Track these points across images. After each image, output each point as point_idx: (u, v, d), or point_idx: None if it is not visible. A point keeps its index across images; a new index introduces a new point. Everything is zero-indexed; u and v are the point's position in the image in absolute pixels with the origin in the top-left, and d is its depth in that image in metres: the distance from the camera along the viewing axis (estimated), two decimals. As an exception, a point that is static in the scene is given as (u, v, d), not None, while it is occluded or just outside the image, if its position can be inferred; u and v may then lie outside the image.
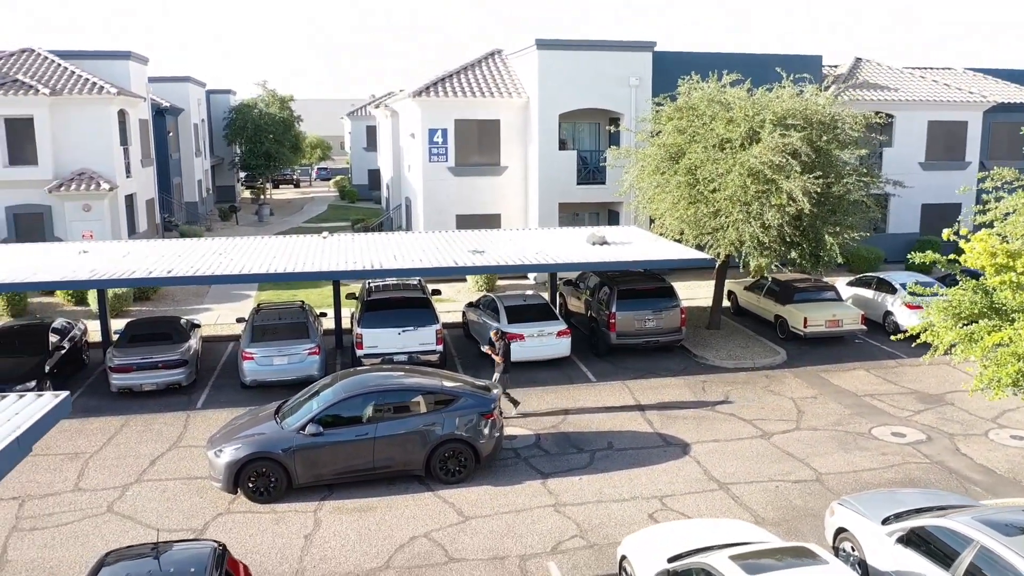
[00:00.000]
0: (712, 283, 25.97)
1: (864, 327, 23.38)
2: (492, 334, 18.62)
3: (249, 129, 56.47)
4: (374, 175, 64.05)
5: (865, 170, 22.68)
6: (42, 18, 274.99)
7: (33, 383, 18.67)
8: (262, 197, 61.24)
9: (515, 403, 18.26)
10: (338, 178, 75.05)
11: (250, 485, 14.31)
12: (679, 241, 23.31)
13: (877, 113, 27.06)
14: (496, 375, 18.24)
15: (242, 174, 66.69)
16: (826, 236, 21.19)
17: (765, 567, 9.08)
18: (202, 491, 14.92)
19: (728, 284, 27.20)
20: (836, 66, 37.38)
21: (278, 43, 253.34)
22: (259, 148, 56.75)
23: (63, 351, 20.78)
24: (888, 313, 24.67)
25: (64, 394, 10.14)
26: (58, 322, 21.75)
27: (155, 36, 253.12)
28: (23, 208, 31.51)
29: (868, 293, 25.82)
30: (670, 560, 10.23)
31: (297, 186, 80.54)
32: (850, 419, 18.16)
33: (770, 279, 25.16)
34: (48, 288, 24.29)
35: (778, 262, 22.34)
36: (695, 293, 29.30)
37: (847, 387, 20.23)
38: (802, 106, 22.14)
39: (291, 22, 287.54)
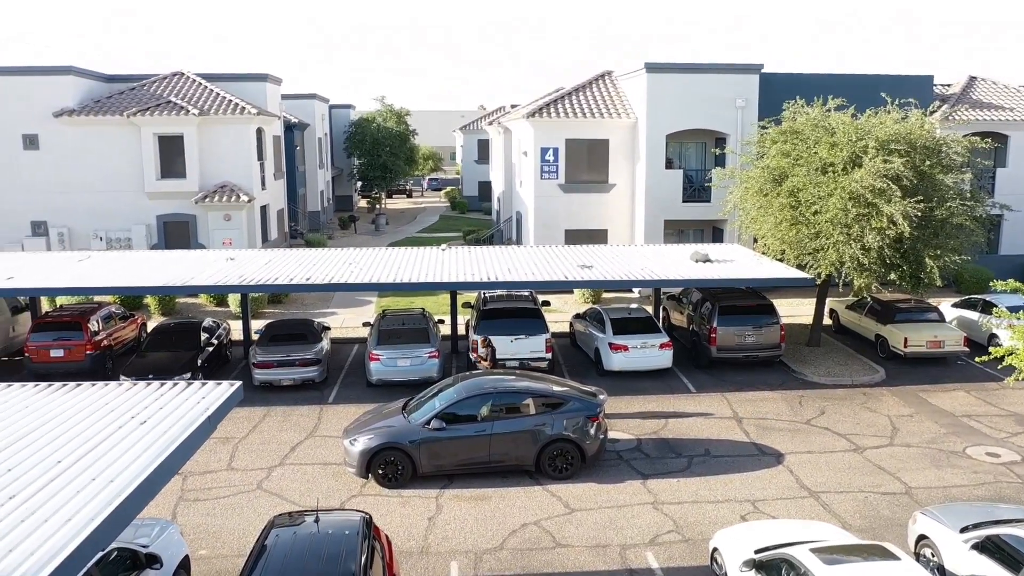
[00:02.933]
0: (813, 301, 26.62)
1: (966, 349, 23.65)
2: (480, 340, 20.04)
3: (367, 142, 59.63)
4: (484, 187, 66.27)
5: (970, 193, 22.99)
6: (187, 43, 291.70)
7: (188, 375, 21.10)
8: (378, 207, 64.30)
9: None
10: (449, 189, 77.71)
11: (380, 471, 16.13)
12: (780, 260, 24.12)
13: (985, 136, 27.13)
14: None
15: (359, 184, 70.06)
16: (927, 259, 21.66)
17: (842, 560, 10.17)
18: (337, 475, 16.84)
19: (830, 302, 27.76)
20: (949, 85, 37.17)
21: (393, 57, 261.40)
22: (376, 160, 59.85)
23: (212, 348, 23.28)
24: (993, 336, 24.80)
25: (238, 383, 12.07)
26: (207, 321, 24.31)
27: (281, 55, 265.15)
28: (172, 217, 34.75)
29: (973, 315, 25.97)
30: (756, 552, 11.40)
31: (410, 196, 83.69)
32: (945, 438, 18.71)
33: (871, 299, 25.66)
34: (204, 292, 26.83)
35: (879, 282, 22.89)
36: (797, 311, 29.92)
37: (945, 407, 20.70)
38: (906, 131, 22.68)
39: (404, 36, 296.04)
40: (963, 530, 12.04)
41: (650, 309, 26.81)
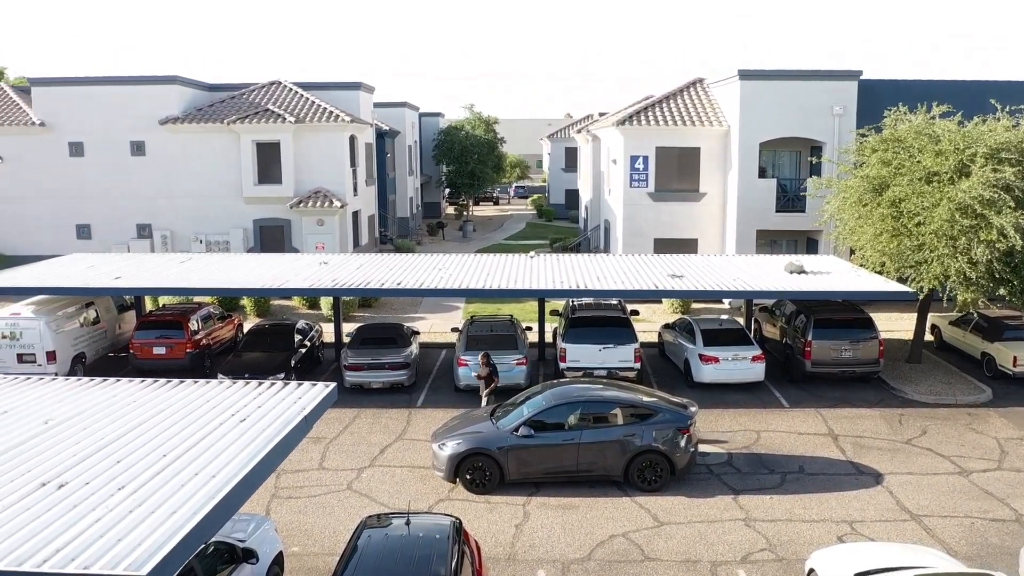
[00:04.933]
0: (914, 316, 25.61)
1: (1082, 370, 22.37)
2: (480, 357, 19.68)
3: (456, 150, 60.26)
4: (571, 195, 66.18)
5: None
6: (281, 52, 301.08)
7: (282, 375, 21.61)
8: (465, 214, 64.88)
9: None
10: (535, 197, 77.85)
11: (468, 477, 16.16)
12: (880, 273, 23.29)
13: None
14: (488, 395, 19.37)
15: (447, 191, 70.87)
16: (1040, 274, 20.61)
17: (950, 588, 9.69)
18: (425, 479, 16.95)
19: (931, 318, 26.67)
20: (1064, 92, 35.29)
21: (481, 66, 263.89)
22: (464, 168, 60.43)
23: (305, 349, 23.79)
24: (1112, 356, 23.39)
25: (332, 385, 12.28)
26: (300, 323, 24.87)
27: (374, 64, 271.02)
28: (268, 221, 35.75)
29: (1090, 334, 24.52)
30: None
31: (496, 203, 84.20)
32: (1059, 463, 17.72)
33: (977, 314, 24.53)
34: (299, 294, 27.44)
35: (986, 298, 21.88)
36: (896, 325, 28.84)
37: (1058, 430, 19.62)
38: (1018, 139, 21.64)
39: (492, 46, 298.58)
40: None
41: (741, 320, 26.24)
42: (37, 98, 36.08)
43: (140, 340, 23.55)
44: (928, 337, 26.56)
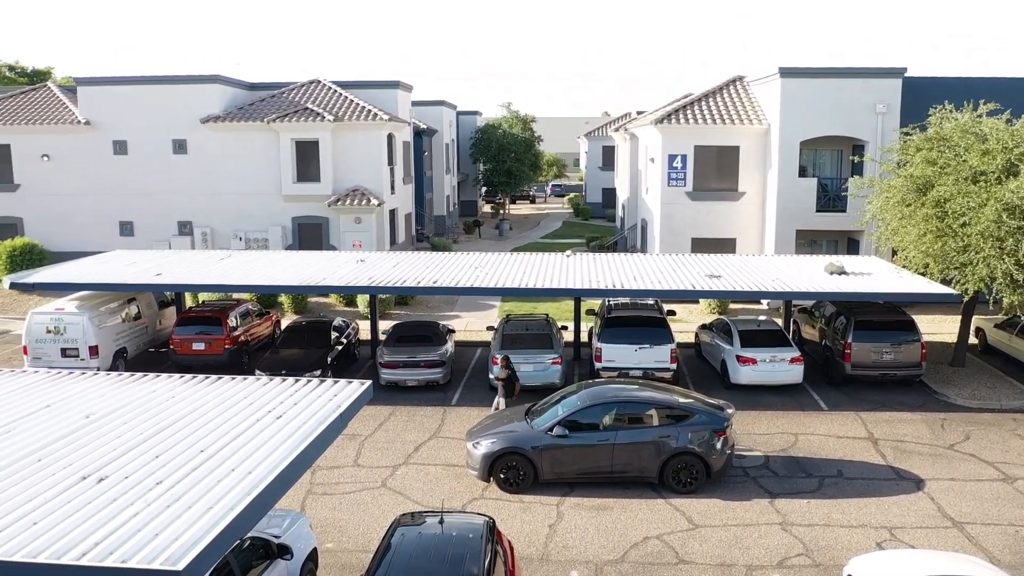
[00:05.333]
0: (958, 318, 25.09)
1: None
2: (500, 360, 19.61)
3: (493, 148, 60.32)
4: (608, 193, 65.92)
5: None
6: (319, 49, 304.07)
7: (319, 372, 21.78)
8: (502, 212, 64.93)
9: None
10: (572, 195, 77.68)
11: (502, 476, 16.16)
12: (923, 274, 22.85)
13: None
14: (501, 399, 19.30)
15: (484, 190, 70.96)
16: (1091, 276, 20.07)
17: (994, 598, 9.46)
18: (459, 477, 16.98)
19: (976, 321, 26.12)
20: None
21: (519, 65, 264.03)
22: (501, 166, 60.46)
23: (341, 347, 23.96)
24: None
25: (368, 383, 12.34)
26: (337, 321, 25.05)
27: (412, 61, 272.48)
28: (306, 219, 36.08)
29: None
30: (898, 583, 10.76)
31: (533, 202, 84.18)
32: (1108, 471, 17.25)
33: (1024, 318, 23.99)
34: (336, 292, 27.65)
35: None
36: (940, 328, 28.30)
37: (1107, 437, 19.10)
38: (1069, 138, 21.10)
39: (527, 45, 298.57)
40: None
41: (780, 321, 25.92)
42: (83, 97, 36.76)
43: (180, 336, 23.88)
44: (972, 340, 26.01)
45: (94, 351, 22.64)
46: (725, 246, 32.53)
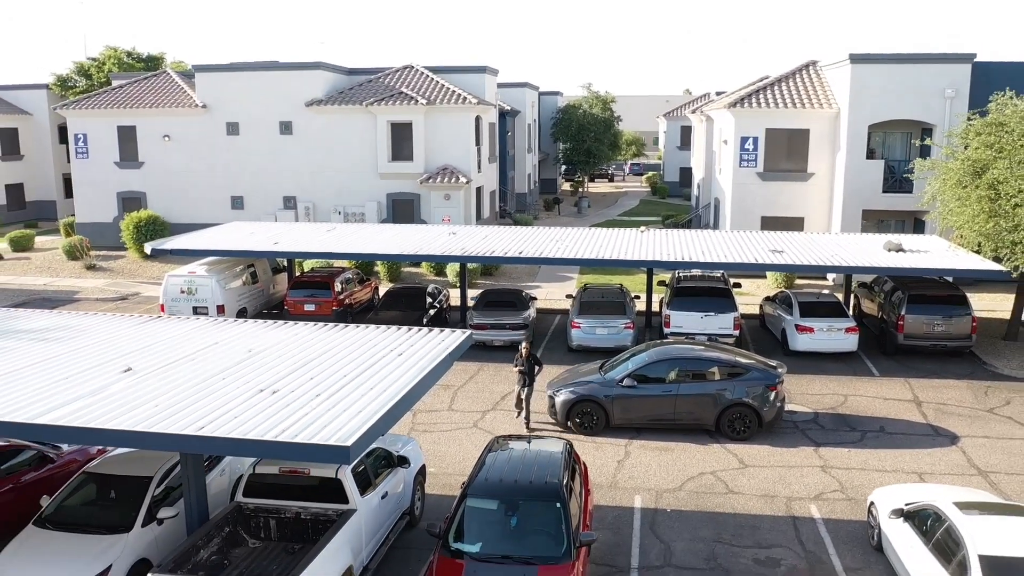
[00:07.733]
0: (1014, 296, 26.41)
1: None
2: (522, 347, 19.28)
3: (573, 128, 62.38)
4: (685, 173, 67.30)
5: None
6: (412, 36, 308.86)
7: (416, 332, 24.56)
8: (581, 190, 67.03)
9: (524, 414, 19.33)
10: (650, 174, 79.12)
11: (577, 420, 18.65)
12: (977, 252, 24.29)
13: None
14: (524, 388, 19.11)
15: (563, 168, 73.10)
16: None
17: (983, 512, 11.50)
18: (540, 424, 19.50)
19: (1033, 298, 27.31)
20: None
21: (601, 41, 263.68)
22: (581, 145, 62.52)
23: (434, 311, 26.73)
24: None
25: (468, 331, 14.95)
26: (430, 287, 27.84)
27: (498, 42, 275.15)
28: (400, 196, 39.03)
29: None
30: (907, 504, 12.86)
31: (611, 180, 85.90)
32: None
33: (1077, 295, 25.17)
34: (434, 260, 30.30)
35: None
36: (997, 305, 29.54)
37: None
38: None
39: (611, 21, 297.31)
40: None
41: (840, 296, 27.61)
42: (200, 83, 40.35)
43: (293, 298, 27.03)
44: (1029, 316, 27.23)
45: (221, 310, 25.90)
46: (793, 224, 34.14)
